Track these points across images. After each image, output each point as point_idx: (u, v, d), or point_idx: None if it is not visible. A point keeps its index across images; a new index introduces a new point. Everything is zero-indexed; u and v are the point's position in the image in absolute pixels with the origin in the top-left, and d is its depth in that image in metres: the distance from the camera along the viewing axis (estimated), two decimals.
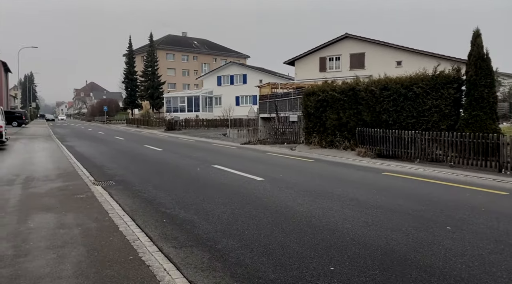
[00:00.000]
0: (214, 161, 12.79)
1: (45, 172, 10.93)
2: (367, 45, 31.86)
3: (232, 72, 51.07)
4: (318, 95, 15.97)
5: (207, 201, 7.11)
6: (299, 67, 34.80)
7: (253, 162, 13.01)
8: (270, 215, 6.12)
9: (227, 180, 9.31)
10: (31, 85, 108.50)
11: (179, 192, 7.99)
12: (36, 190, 8.44)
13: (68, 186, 8.73)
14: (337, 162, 12.74)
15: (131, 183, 9.14)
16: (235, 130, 33.02)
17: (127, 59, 69.82)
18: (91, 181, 9.50)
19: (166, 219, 5.99)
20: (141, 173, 10.71)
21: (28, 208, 6.81)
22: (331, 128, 15.48)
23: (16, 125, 44.75)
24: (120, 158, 14.30)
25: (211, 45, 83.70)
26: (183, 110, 51.63)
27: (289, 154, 15.54)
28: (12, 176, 10.38)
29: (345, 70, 32.59)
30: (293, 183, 8.82)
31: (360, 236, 5.02)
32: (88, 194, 7.85)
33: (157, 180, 9.51)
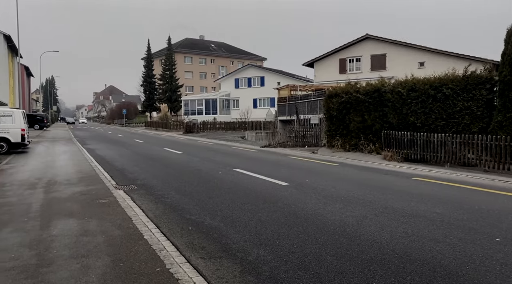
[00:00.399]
0: (236, 165, 12.53)
1: (67, 176, 10.86)
2: (388, 45, 31.21)
3: (250, 74, 50.93)
4: (341, 97, 15.55)
5: (232, 207, 6.83)
6: (319, 69, 34.35)
7: (275, 166, 12.70)
8: (301, 223, 5.79)
9: (251, 185, 9.02)
10: (52, 88, 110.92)
11: (202, 197, 7.74)
12: (58, 194, 8.33)
13: (90, 191, 8.59)
14: (363, 166, 12.31)
15: (153, 187, 8.94)
16: (253, 133, 32.79)
17: (145, 63, 70.56)
18: (113, 185, 9.36)
19: (191, 227, 5.73)
20: (162, 176, 10.53)
21: (51, 213, 6.66)
22: (355, 131, 15.04)
23: (38, 128, 45.60)
24: (141, 161, 14.18)
25: (228, 48, 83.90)
26: (201, 113, 51.73)
27: (311, 157, 15.16)
28: (34, 180, 10.34)
29: (366, 72, 31.98)
30: (320, 188, 8.47)
31: (401, 248, 4.64)
32: (111, 199, 7.68)
33: (179, 184, 9.30)
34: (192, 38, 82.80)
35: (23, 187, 9.29)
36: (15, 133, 17.91)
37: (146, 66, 70.17)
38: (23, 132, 18.14)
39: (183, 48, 74.64)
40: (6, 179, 10.71)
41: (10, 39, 44.57)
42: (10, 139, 17.84)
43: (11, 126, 17.77)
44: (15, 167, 13.26)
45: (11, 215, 6.64)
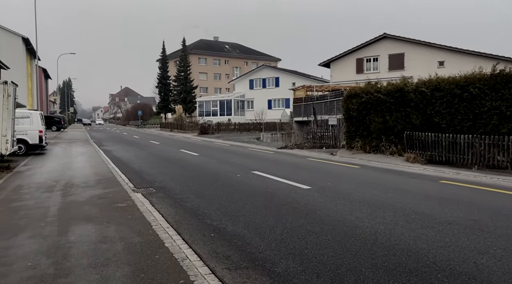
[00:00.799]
0: (254, 167, 12.26)
1: (84, 178, 10.74)
2: (407, 45, 30.57)
3: (264, 75, 50.66)
4: (361, 97, 15.14)
5: (254, 212, 6.55)
6: (335, 69, 33.87)
7: (294, 168, 12.37)
8: (329, 230, 5.47)
9: (271, 188, 8.72)
10: (69, 90, 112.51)
11: (222, 201, 7.48)
12: (75, 197, 8.18)
13: (108, 194, 8.42)
14: (386, 169, 11.90)
15: (172, 191, 8.72)
16: (269, 134, 32.49)
17: (160, 64, 70.96)
18: (131, 188, 9.18)
19: (214, 234, 5.46)
20: (180, 179, 10.31)
21: (68, 217, 6.49)
22: (375, 132, 14.61)
23: (56, 129, 46.17)
24: (158, 163, 14.03)
25: (242, 48, 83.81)
26: (215, 114, 51.67)
27: (330, 159, 14.79)
28: (52, 182, 10.24)
29: (384, 72, 31.39)
30: (344, 192, 8.12)
31: (442, 260, 4.29)
32: (129, 202, 7.48)
33: (198, 187, 9.06)
34: (206, 39, 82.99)
35: (40, 190, 9.18)
36: (33, 134, 18.01)
37: (161, 68, 70.56)
38: (40, 133, 18.23)
39: (198, 49, 74.82)
40: (23, 181, 10.65)
41: (28, 41, 45.28)
42: (28, 140, 17.93)
43: (29, 127, 17.86)
44: (32, 169, 13.24)
45: (28, 219, 6.48)
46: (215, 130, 39.27)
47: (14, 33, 44.52)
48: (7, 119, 12.47)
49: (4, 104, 12.26)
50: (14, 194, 8.89)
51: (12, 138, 13.67)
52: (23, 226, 6.07)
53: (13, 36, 44.38)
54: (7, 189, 9.52)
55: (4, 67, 31.56)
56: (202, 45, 77.96)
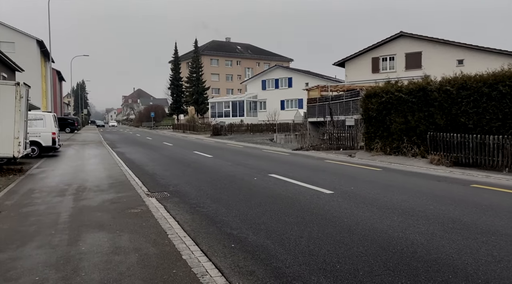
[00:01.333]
0: (270, 170, 11.82)
1: (97, 181, 10.44)
2: (424, 43, 29.77)
3: (277, 75, 50.19)
4: (381, 97, 14.59)
5: (276, 220, 6.11)
6: (350, 68, 33.23)
7: (313, 171, 11.89)
8: (360, 241, 5.00)
9: (292, 193, 8.27)
10: (83, 92, 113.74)
11: (241, 207, 7.06)
12: (87, 202, 7.85)
13: (121, 198, 8.08)
14: (409, 172, 11.34)
15: (187, 195, 8.34)
16: (282, 135, 32.04)
17: (172, 66, 71.01)
18: (145, 192, 8.83)
19: (234, 244, 5.04)
20: (195, 182, 9.93)
21: (80, 224, 6.14)
22: (396, 132, 14.04)
23: (69, 131, 46.43)
24: (172, 166, 13.69)
25: (254, 49, 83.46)
26: (228, 115, 51.39)
27: (349, 161, 14.26)
28: (64, 186, 9.96)
29: (400, 71, 30.61)
30: (370, 197, 7.63)
31: (495, 279, 3.79)
32: (143, 208, 7.11)
33: (214, 191, 8.66)
34: (218, 40, 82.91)
35: (52, 194, 8.90)
36: (46, 136, 17.88)
37: (173, 69, 70.58)
38: (54, 135, 18.09)
39: (210, 50, 74.71)
40: (35, 185, 10.40)
41: (42, 44, 45.66)
42: (41, 142, 17.81)
43: (42, 129, 17.74)
44: (45, 171, 13.03)
45: (38, 226, 6.16)
46: (228, 131, 38.95)
47: (28, 35, 44.96)
48: (19, 121, 12.25)
49: (16, 106, 12.05)
50: (25, 198, 8.61)
51: (24, 140, 13.49)
52: (33, 233, 5.74)
53: (27, 38, 44.81)
54: (18, 193, 9.26)
55: (18, 70, 31.75)
56: (214, 46, 77.86)
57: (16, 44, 43.57)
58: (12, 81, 12.45)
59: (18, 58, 34.45)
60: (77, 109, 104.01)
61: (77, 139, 33.26)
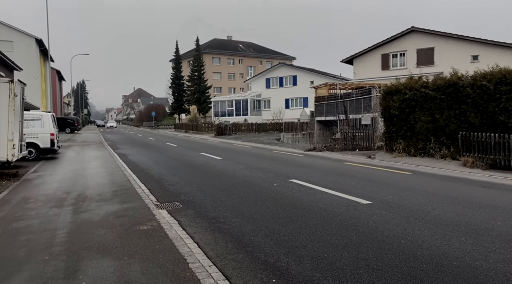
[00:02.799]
0: (289, 174, 10.76)
1: (99, 188, 9.39)
2: (437, 38, 28.68)
3: (281, 73, 49.11)
4: (404, 94, 13.52)
5: (317, 241, 5.05)
6: (359, 66, 32.15)
7: (335, 175, 10.82)
8: (434, 274, 3.93)
9: (322, 203, 7.20)
10: (83, 92, 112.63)
11: (269, 223, 5.99)
12: (89, 215, 6.79)
13: (127, 210, 7.01)
14: (444, 176, 10.27)
15: (202, 206, 7.28)
16: (289, 135, 31.04)
17: (174, 64, 69.90)
18: (153, 202, 7.77)
19: (276, 280, 3.97)
20: (209, 190, 8.87)
21: (80, 247, 5.09)
22: (422, 132, 12.97)
23: (69, 131, 45.40)
24: (179, 170, 12.63)
25: (256, 47, 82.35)
26: (231, 114, 50.31)
27: (371, 164, 13.19)
28: (62, 194, 8.91)
29: (411, 67, 29.42)
30: (417, 210, 6.56)
31: None
32: (153, 224, 6.05)
33: (233, 201, 7.60)
34: (220, 39, 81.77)
35: (48, 204, 7.84)
36: (44, 138, 16.83)
37: (174, 68, 69.46)
38: (52, 137, 17.03)
39: (211, 48, 73.61)
40: (31, 192, 9.34)
41: (42, 43, 44.58)
42: (39, 144, 16.76)
43: (39, 130, 16.69)
44: (42, 176, 11.98)
45: (29, 249, 5.11)
46: (232, 131, 37.88)
47: (27, 34, 43.87)
48: (13, 121, 11.19)
49: (10, 105, 10.99)
50: (18, 209, 7.56)
51: (20, 142, 12.44)
52: (22, 259, 4.69)
53: (26, 37, 43.72)
54: (11, 203, 8.21)
55: (17, 68, 30.70)
56: (215, 44, 76.75)
57: (14, 43, 42.49)
58: (5, 78, 11.42)
59: (17, 57, 33.36)
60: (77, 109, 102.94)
61: (77, 140, 32.23)
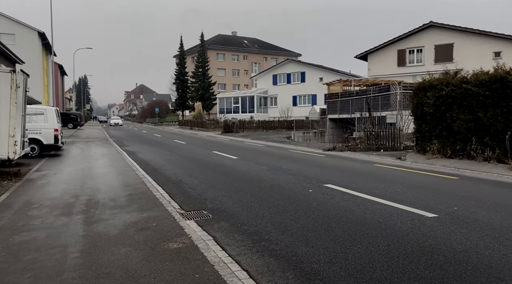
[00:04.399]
0: (321, 177, 9.69)
1: (111, 192, 8.32)
2: (456, 34, 27.53)
3: (289, 70, 47.90)
4: (440, 90, 12.41)
5: (404, 273, 3.97)
6: (373, 62, 31.00)
7: (373, 179, 9.72)
8: None
9: (379, 215, 6.12)
10: (85, 87, 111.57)
11: (329, 244, 4.87)
12: (104, 227, 5.72)
13: (149, 221, 5.95)
14: (497, 182, 9.18)
15: (236, 217, 6.20)
16: (300, 133, 29.93)
17: (178, 60, 68.70)
18: (176, 209, 6.71)
19: None
20: (236, 195, 7.79)
21: (97, 273, 4.02)
22: (461, 132, 11.86)
23: (72, 127, 44.37)
24: (196, 170, 11.55)
25: (261, 43, 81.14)
26: (237, 111, 49.17)
27: (404, 166, 12.10)
28: (69, 198, 7.85)
29: (429, 64, 28.42)
30: (500, 226, 5.47)
31: None
32: (184, 240, 4.98)
33: (270, 211, 6.51)
34: (224, 34, 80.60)
35: (55, 211, 6.78)
36: (47, 133, 15.76)
37: (178, 64, 68.24)
38: (56, 132, 15.97)
39: (216, 44, 72.44)
40: (34, 195, 8.29)
41: (44, 36, 43.52)
42: (42, 140, 15.70)
43: (43, 125, 15.62)
44: (46, 176, 10.93)
45: (35, 274, 4.05)
46: (240, 128, 36.78)
47: (29, 27, 42.81)
48: (15, 116, 10.12)
49: (11, 97, 9.91)
50: (20, 217, 6.50)
51: (22, 138, 11.39)
52: None
53: (28, 30, 42.66)
54: (12, 208, 7.16)
55: (18, 62, 29.67)
56: (220, 40, 75.56)
57: (16, 36, 41.39)
58: (7, 68, 10.33)
59: (19, 51, 32.26)
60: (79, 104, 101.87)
61: (81, 136, 31.18)
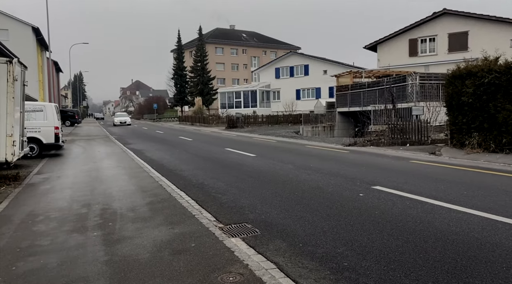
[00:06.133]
0: (363, 178, 8.57)
1: (128, 199, 7.16)
2: (471, 21, 26.36)
3: (292, 63, 46.62)
4: (481, 77, 11.30)
5: None
6: (383, 52, 29.82)
7: (424, 179, 8.59)
8: None
9: (468, 228, 5.00)
10: (81, 84, 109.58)
11: (430, 273, 3.77)
12: (130, 249, 4.57)
13: (185, 240, 4.80)
14: None
15: (292, 233, 5.05)
16: (309, 127, 28.80)
17: (176, 55, 67.21)
18: (212, 222, 5.57)
19: None
20: (278, 203, 6.64)
21: None
22: (508, 124, 10.76)
23: (69, 124, 43.01)
24: (216, 171, 10.38)
25: (260, 37, 79.68)
26: (239, 106, 47.87)
27: (443, 162, 10.98)
28: (80, 207, 6.68)
29: (442, 53, 27.33)
30: None
31: None
32: (241, 271, 3.84)
33: (329, 223, 5.38)
34: (222, 28, 79.10)
35: (66, 226, 5.62)
36: (47, 132, 14.52)
37: (176, 58, 66.71)
38: (57, 130, 14.73)
39: (214, 38, 70.96)
40: (38, 204, 7.11)
41: (39, 32, 42.00)
42: (42, 139, 14.47)
43: (42, 123, 14.38)
44: (49, 180, 9.73)
45: None
46: (244, 124, 35.57)
47: (23, 22, 41.25)
48: (13, 112, 8.90)
49: (8, 91, 8.69)
50: (24, 234, 5.35)
51: (21, 138, 10.18)
52: None
53: (22, 25, 41.08)
54: (13, 222, 6.00)
55: (12, 57, 28.25)
56: (218, 34, 74.07)
57: (10, 31, 39.77)
58: (2, 58, 9.08)
59: (13, 47, 30.69)
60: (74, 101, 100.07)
61: (80, 134, 29.89)
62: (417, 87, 20.24)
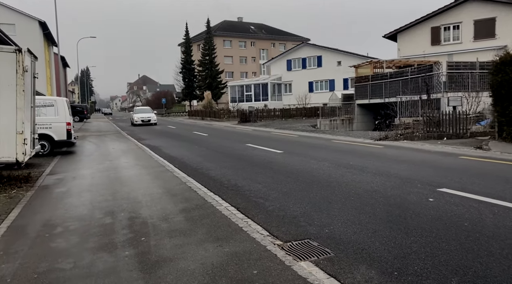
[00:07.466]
0: (420, 178, 7.53)
1: (157, 205, 6.20)
2: (499, 7, 24.96)
3: (304, 54, 45.33)
4: None
5: None
6: (403, 41, 28.52)
7: (494, 179, 7.51)
8: None
9: None
10: (88, 79, 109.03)
11: None
12: (175, 277, 3.60)
13: (241, 263, 3.82)
14: None
15: (374, 255, 4.03)
16: (327, 121, 27.74)
17: (183, 48, 66.13)
18: (267, 238, 4.58)
19: None
20: (337, 211, 5.64)
21: None
22: None
23: (78, 120, 42.32)
24: (247, 170, 9.37)
25: (268, 29, 78.26)
26: (249, 100, 46.78)
27: (496, 157, 9.88)
28: (103, 216, 5.73)
29: (467, 41, 26.00)
30: None
31: None
32: None
33: (411, 239, 4.38)
34: (230, 21, 77.74)
35: (89, 242, 4.68)
36: (59, 128, 13.61)
37: (184, 52, 65.63)
38: (69, 126, 13.81)
39: (222, 31, 69.68)
40: (55, 211, 6.18)
41: (45, 26, 41.21)
42: (53, 136, 13.57)
43: (53, 119, 13.47)
44: (64, 181, 8.81)
45: None
46: (257, 118, 34.53)
47: (30, 16, 40.45)
48: (23, 107, 7.97)
49: (18, 83, 7.75)
50: (41, 253, 4.41)
51: (32, 135, 9.25)
52: None
53: (29, 20, 40.29)
54: (28, 235, 5.08)
55: None
56: (226, 26, 72.78)
57: (16, 26, 38.97)
58: (10, 47, 8.13)
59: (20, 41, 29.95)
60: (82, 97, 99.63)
61: (90, 129, 29.08)
62: (444, 77, 19.04)
